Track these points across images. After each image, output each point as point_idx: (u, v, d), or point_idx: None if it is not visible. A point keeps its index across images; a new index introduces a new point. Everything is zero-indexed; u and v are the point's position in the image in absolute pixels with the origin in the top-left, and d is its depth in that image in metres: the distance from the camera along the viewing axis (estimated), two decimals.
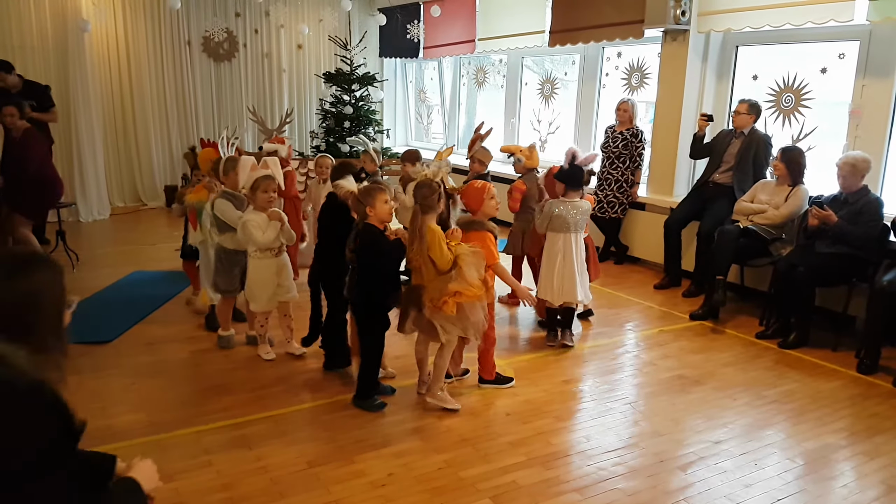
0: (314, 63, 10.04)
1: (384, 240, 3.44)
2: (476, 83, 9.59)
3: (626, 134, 6.41)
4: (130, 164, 8.87)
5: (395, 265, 3.60)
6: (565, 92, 8.06)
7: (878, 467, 3.18)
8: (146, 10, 8.67)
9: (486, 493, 2.88)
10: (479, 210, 3.76)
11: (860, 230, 4.47)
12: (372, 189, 3.45)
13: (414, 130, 11.01)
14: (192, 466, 3.02)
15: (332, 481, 2.94)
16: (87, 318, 4.90)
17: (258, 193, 3.97)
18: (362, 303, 3.54)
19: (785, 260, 4.73)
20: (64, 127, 8.05)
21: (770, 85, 5.78)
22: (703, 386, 4.02)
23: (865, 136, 5.06)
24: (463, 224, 3.68)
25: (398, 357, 4.20)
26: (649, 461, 3.18)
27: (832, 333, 4.64)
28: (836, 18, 4.89)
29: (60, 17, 7.93)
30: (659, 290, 5.92)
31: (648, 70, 6.85)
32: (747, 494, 2.93)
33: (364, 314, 3.56)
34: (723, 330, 4.98)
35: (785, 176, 5.03)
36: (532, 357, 4.41)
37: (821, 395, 3.94)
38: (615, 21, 6.50)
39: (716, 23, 5.80)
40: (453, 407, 3.60)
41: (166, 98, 8.98)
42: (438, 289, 3.41)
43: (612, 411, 3.68)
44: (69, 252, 6.20)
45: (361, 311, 3.57)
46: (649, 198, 6.48)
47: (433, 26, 9.36)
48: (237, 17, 9.34)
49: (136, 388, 3.82)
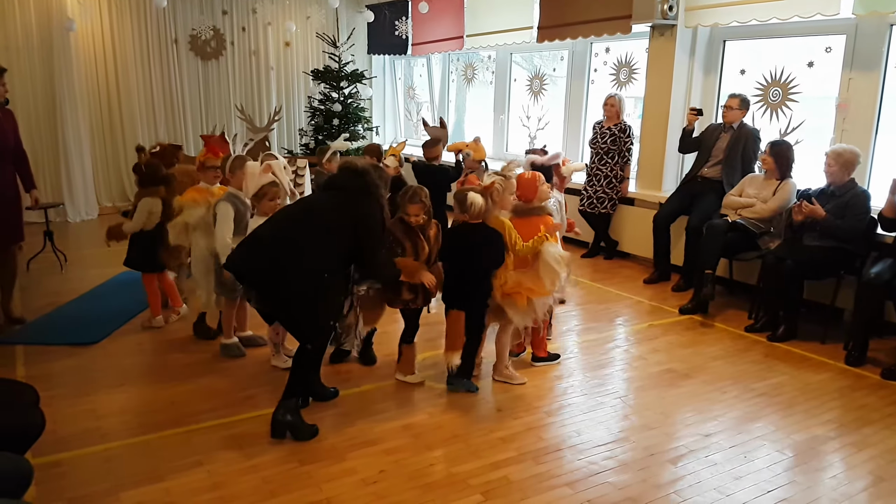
0: (302, 60, 10.00)
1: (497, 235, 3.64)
2: (465, 80, 9.58)
3: (615, 129, 6.42)
4: (118, 164, 8.80)
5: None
6: (554, 88, 8.06)
7: (866, 458, 3.21)
8: (132, 8, 8.60)
9: (477, 489, 2.88)
10: (534, 197, 3.95)
11: (848, 224, 4.49)
12: (471, 193, 3.62)
13: (403, 127, 10.99)
14: (182, 466, 3.01)
15: (324, 479, 2.93)
16: (76, 319, 4.87)
17: (264, 201, 3.93)
18: (484, 295, 3.69)
19: (773, 253, 4.75)
20: (50, 127, 8.00)
21: (757, 79, 5.80)
22: (692, 380, 4.04)
23: (852, 129, 5.09)
24: (522, 211, 3.89)
25: (388, 354, 4.20)
26: (640, 455, 3.19)
27: (820, 326, 4.67)
28: (823, 12, 4.92)
29: (45, 16, 7.86)
30: (648, 284, 5.94)
31: (636, 65, 6.87)
32: (737, 487, 2.95)
33: (485, 305, 3.74)
34: (712, 324, 5.00)
35: (773, 170, 5.05)
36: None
37: (809, 387, 3.96)
38: (603, 17, 6.50)
39: (703, 18, 5.81)
40: (520, 381, 3.92)
41: (153, 97, 8.92)
42: (515, 279, 3.65)
43: (602, 406, 3.69)
44: (57, 252, 6.16)
45: (483, 303, 3.73)
46: (638, 193, 6.49)
47: (421, 23, 9.34)
48: (224, 14, 9.29)
49: (126, 389, 3.80)
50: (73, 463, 3.04)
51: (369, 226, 3.30)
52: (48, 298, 5.28)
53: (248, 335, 4.37)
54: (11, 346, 4.34)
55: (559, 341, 4.57)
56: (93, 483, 2.89)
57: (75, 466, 3.02)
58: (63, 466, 3.01)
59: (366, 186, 3.33)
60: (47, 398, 3.00)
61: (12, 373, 3.93)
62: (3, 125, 4.62)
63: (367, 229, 3.29)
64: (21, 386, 2.72)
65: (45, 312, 4.98)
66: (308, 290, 3.17)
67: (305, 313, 3.22)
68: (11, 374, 3.90)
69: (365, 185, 3.33)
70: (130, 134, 8.75)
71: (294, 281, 3.15)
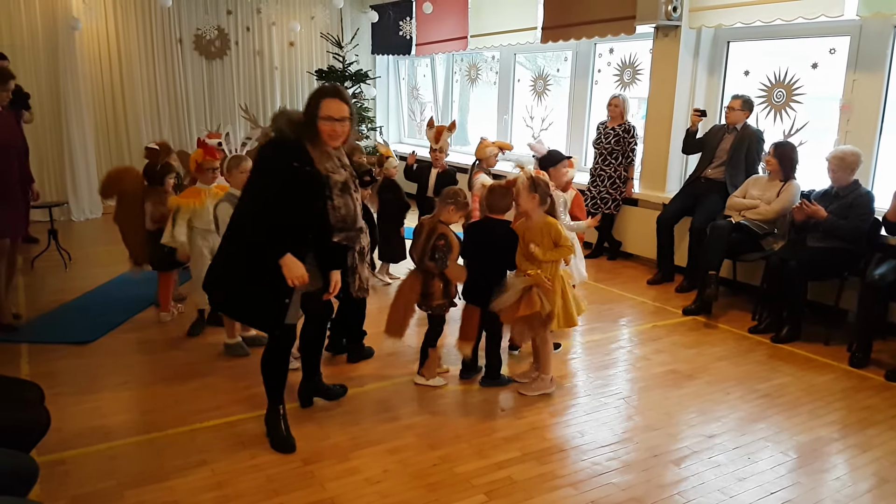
0: (306, 60, 10.01)
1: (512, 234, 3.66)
2: (469, 80, 9.58)
3: (619, 130, 6.42)
4: (122, 163, 8.77)
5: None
6: (558, 88, 8.06)
7: (870, 459, 3.20)
8: (137, 8, 8.63)
9: (480, 489, 2.88)
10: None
11: (850, 224, 4.49)
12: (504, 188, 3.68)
13: (407, 127, 10.99)
14: (186, 465, 3.01)
15: (327, 478, 2.94)
16: (80, 317, 4.88)
17: None
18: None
19: (777, 254, 4.75)
20: (55, 126, 8.01)
21: (761, 80, 5.80)
22: (696, 380, 4.04)
23: (856, 130, 5.08)
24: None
25: (391, 354, 4.21)
26: (643, 455, 3.19)
27: (824, 327, 4.67)
28: (827, 14, 4.91)
29: (51, 15, 7.88)
30: (652, 285, 5.94)
31: (640, 66, 6.86)
32: (741, 488, 2.94)
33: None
34: (715, 325, 5.00)
35: (777, 171, 5.05)
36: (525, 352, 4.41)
37: (813, 388, 3.96)
38: (607, 17, 6.50)
39: (707, 18, 5.81)
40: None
41: (158, 96, 8.94)
42: (550, 271, 3.61)
43: (606, 406, 3.69)
44: (61, 251, 6.18)
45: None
46: (642, 193, 6.49)
47: (425, 23, 9.35)
48: (229, 14, 9.30)
49: (130, 388, 3.81)
50: (77, 461, 3.05)
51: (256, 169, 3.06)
52: (52, 297, 5.30)
53: (252, 335, 4.38)
54: (9, 343, 4.35)
55: (562, 341, 4.56)
56: (97, 481, 2.89)
57: (79, 464, 3.03)
58: (67, 464, 3.02)
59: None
60: (52, 396, 3.01)
61: (17, 371, 3.94)
62: (11, 124, 4.66)
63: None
64: (26, 384, 2.73)
65: (48, 310, 5.00)
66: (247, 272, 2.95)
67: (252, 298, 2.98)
68: (16, 372, 3.92)
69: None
70: (135, 133, 8.77)
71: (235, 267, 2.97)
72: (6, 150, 4.41)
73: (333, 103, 2.94)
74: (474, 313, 3.72)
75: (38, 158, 7.57)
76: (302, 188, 2.91)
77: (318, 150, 3.00)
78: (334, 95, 2.96)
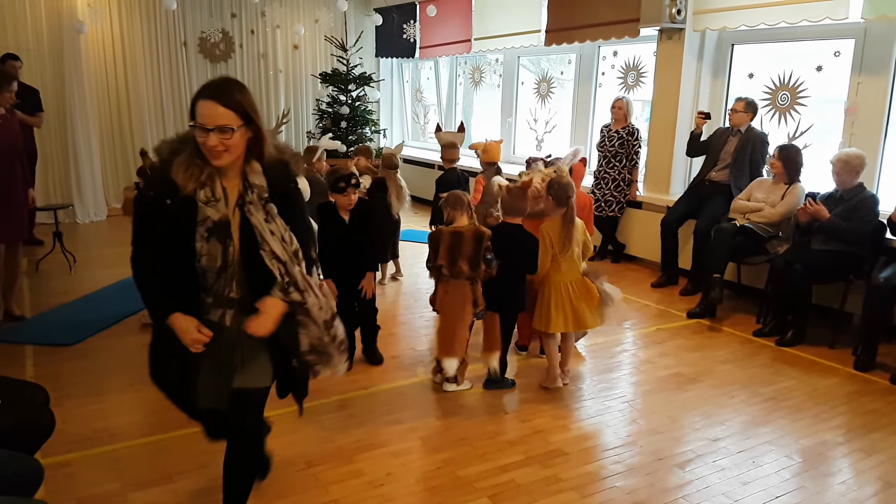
0: (310, 63, 10.03)
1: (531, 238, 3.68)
2: (472, 83, 9.59)
3: (623, 132, 6.42)
4: (127, 166, 8.82)
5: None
6: (562, 91, 8.06)
7: (875, 464, 3.19)
8: (142, 11, 8.65)
9: (484, 492, 2.88)
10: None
11: (851, 225, 4.47)
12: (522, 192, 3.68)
13: (410, 130, 11.01)
14: (190, 467, 3.02)
15: (331, 481, 2.94)
16: (84, 319, 4.89)
17: None
18: (520, 297, 3.75)
19: (781, 257, 4.74)
20: (60, 129, 8.04)
21: (766, 83, 5.79)
22: (700, 384, 4.03)
23: (861, 133, 5.07)
24: (534, 214, 3.89)
25: (394, 357, 4.21)
26: (647, 459, 3.19)
27: (829, 330, 4.66)
28: (831, 16, 4.90)
29: (56, 18, 7.91)
30: (656, 288, 5.93)
31: (644, 69, 6.86)
32: (745, 492, 2.94)
33: (520, 308, 3.81)
34: (720, 328, 4.99)
35: (781, 174, 5.04)
36: (529, 355, 4.41)
37: (818, 392, 3.95)
38: (611, 20, 6.50)
39: (711, 21, 5.81)
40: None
41: (162, 99, 8.96)
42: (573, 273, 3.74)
43: (610, 409, 3.69)
44: (66, 253, 6.19)
45: (518, 306, 3.80)
46: (646, 196, 6.48)
47: (429, 26, 9.36)
48: (233, 17, 9.32)
49: (134, 389, 3.81)
50: (81, 463, 3.06)
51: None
52: (57, 299, 5.31)
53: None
54: (15, 345, 4.37)
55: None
56: (101, 483, 2.90)
57: (84, 467, 3.03)
58: (72, 467, 3.02)
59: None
60: (57, 398, 3.02)
61: (22, 373, 3.95)
62: (14, 127, 4.68)
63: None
64: (31, 386, 2.73)
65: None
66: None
67: None
68: (21, 374, 3.92)
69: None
70: (139, 136, 8.78)
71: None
72: (7, 152, 4.44)
73: (206, 106, 2.06)
74: (493, 321, 3.72)
75: (43, 161, 7.59)
76: (168, 225, 2.13)
77: (196, 168, 2.12)
78: (209, 96, 2.07)
